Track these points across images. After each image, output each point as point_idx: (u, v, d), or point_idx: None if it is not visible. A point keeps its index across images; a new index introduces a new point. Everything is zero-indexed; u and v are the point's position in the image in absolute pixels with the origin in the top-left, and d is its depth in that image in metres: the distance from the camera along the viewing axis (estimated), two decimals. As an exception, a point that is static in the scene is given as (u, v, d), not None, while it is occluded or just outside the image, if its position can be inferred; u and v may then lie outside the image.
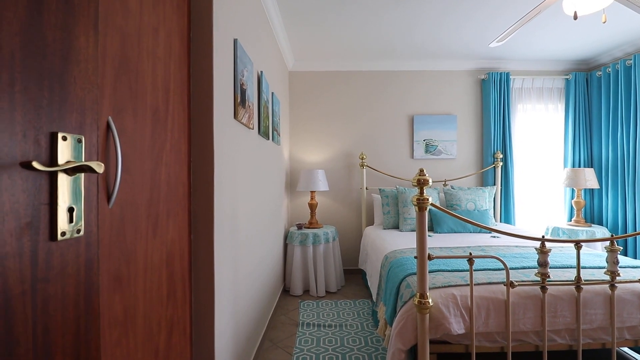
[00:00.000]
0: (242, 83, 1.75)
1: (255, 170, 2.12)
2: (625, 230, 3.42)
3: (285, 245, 3.32)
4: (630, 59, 3.29)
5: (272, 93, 2.67)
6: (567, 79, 3.87)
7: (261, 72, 2.20)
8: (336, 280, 3.23)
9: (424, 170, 1.56)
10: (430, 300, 1.52)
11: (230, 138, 1.60)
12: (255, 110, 2.11)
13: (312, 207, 3.40)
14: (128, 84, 0.95)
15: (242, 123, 1.75)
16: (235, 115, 1.65)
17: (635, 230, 3.30)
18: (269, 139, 2.46)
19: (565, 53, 3.67)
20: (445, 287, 1.67)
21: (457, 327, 1.56)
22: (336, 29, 3.01)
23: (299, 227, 3.27)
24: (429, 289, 1.65)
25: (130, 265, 0.94)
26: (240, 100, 1.71)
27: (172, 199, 1.18)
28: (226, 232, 1.52)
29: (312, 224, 3.35)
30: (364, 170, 3.71)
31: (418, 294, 1.54)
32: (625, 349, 2.09)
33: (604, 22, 1.71)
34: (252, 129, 1.96)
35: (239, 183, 1.74)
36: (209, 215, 1.37)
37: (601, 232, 3.42)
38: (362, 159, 3.68)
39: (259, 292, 2.20)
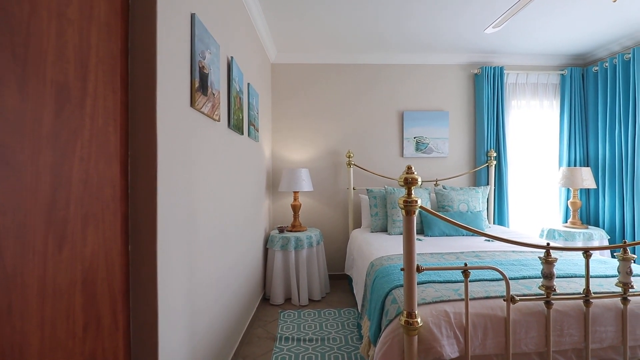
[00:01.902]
0: (203, 66, 1.51)
1: (224, 168, 1.87)
2: (623, 232, 3.26)
3: (266, 250, 3.08)
4: (629, 53, 3.13)
5: (249, 84, 2.42)
6: (562, 74, 3.70)
7: (231, 57, 1.95)
8: (320, 288, 2.99)
9: (412, 168, 1.33)
10: (419, 320, 1.30)
11: (185, 129, 1.36)
12: (224, 100, 1.86)
13: (295, 208, 3.16)
14: (10, 48, 0.70)
15: (202, 113, 1.51)
16: (192, 103, 1.40)
17: (634, 232, 3.14)
18: (243, 134, 2.22)
19: (560, 47, 3.50)
20: (436, 302, 1.45)
21: (450, 350, 1.34)
22: (321, 19, 2.77)
23: (281, 230, 3.02)
24: (418, 304, 1.42)
25: (11, 293, 0.70)
26: (199, 85, 1.46)
27: (93, 201, 0.93)
28: (178, 239, 1.28)
29: (295, 227, 3.11)
30: (351, 169, 3.48)
31: (405, 312, 1.31)
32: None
33: (614, 1, 1.51)
34: (218, 120, 1.71)
35: (199, 182, 1.49)
36: (150, 220, 1.12)
37: (598, 233, 3.25)
38: (349, 157, 3.46)
39: (229, 304, 1.95)
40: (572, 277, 1.71)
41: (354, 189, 3.55)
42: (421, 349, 1.33)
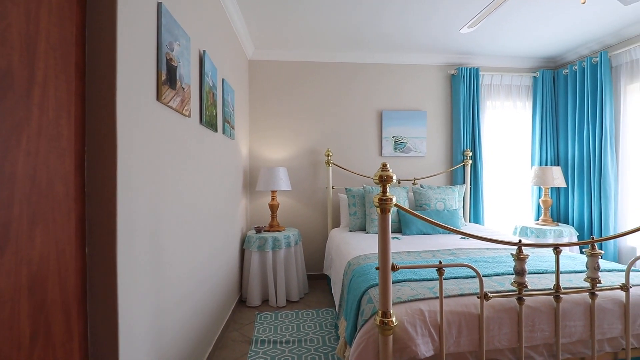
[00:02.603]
0: (171, 58, 1.44)
1: (196, 166, 1.80)
2: (591, 229, 3.40)
3: (243, 251, 3.00)
4: (597, 57, 3.26)
5: (223, 79, 2.35)
6: (534, 76, 3.82)
7: (204, 51, 1.88)
8: (298, 288, 2.95)
9: (387, 165, 1.32)
10: (394, 319, 1.28)
11: (151, 124, 1.28)
12: (195, 95, 1.79)
13: (273, 208, 3.11)
14: None
15: (170, 107, 1.44)
16: (159, 97, 1.33)
17: (601, 229, 3.28)
18: (217, 130, 2.15)
19: (533, 50, 3.61)
20: (412, 301, 1.44)
21: (424, 349, 1.33)
22: (299, 16, 2.73)
23: (258, 230, 2.96)
24: (394, 303, 1.41)
25: (-63, 302, 0.62)
26: (167, 78, 1.39)
27: (41, 200, 0.86)
28: (142, 240, 1.20)
29: (272, 227, 3.05)
30: (330, 168, 3.46)
31: (380, 312, 1.29)
32: None
33: (583, 3, 1.56)
34: (188, 116, 1.64)
35: (167, 179, 1.42)
36: (109, 220, 1.04)
37: (568, 231, 3.38)
38: (328, 156, 3.43)
39: (201, 306, 1.88)
40: (543, 273, 1.75)
41: (332, 188, 3.53)
42: (396, 349, 1.31)
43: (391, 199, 1.29)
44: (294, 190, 3.55)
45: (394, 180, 1.31)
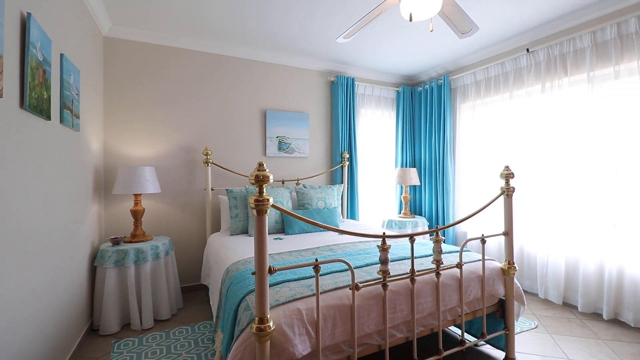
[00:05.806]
0: (-38, 11, 1.03)
1: (11, 165, 1.36)
2: (437, 218, 4.12)
3: (94, 269, 2.47)
4: (441, 79, 3.98)
5: (62, 55, 1.87)
6: (398, 91, 4.42)
7: (28, 14, 1.44)
8: (170, 304, 2.60)
9: (264, 165, 1.25)
10: (271, 324, 1.22)
11: None
12: (12, 69, 1.35)
13: (137, 214, 2.66)
14: None
15: (-41, 79, 1.03)
16: (-64, 62, 0.93)
17: (444, 219, 4.01)
18: (49, 118, 1.68)
19: (397, 68, 4.17)
20: (290, 301, 1.41)
21: (302, 347, 1.32)
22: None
23: (116, 242, 2.48)
24: (272, 307, 1.36)
25: None
26: (-47, 38, 0.99)
27: None
28: None
29: (136, 237, 2.61)
30: (209, 168, 3.20)
31: (257, 318, 1.21)
32: (451, 328, 2.34)
33: (431, 31, 1.83)
34: (-2, 95, 1.22)
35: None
36: None
37: (422, 221, 4.01)
38: (207, 155, 3.17)
39: (22, 353, 1.43)
40: (402, 259, 1.98)
41: (212, 189, 3.27)
42: (274, 353, 1.26)
43: (268, 200, 1.23)
44: (164, 193, 3.14)
45: (271, 180, 1.26)
